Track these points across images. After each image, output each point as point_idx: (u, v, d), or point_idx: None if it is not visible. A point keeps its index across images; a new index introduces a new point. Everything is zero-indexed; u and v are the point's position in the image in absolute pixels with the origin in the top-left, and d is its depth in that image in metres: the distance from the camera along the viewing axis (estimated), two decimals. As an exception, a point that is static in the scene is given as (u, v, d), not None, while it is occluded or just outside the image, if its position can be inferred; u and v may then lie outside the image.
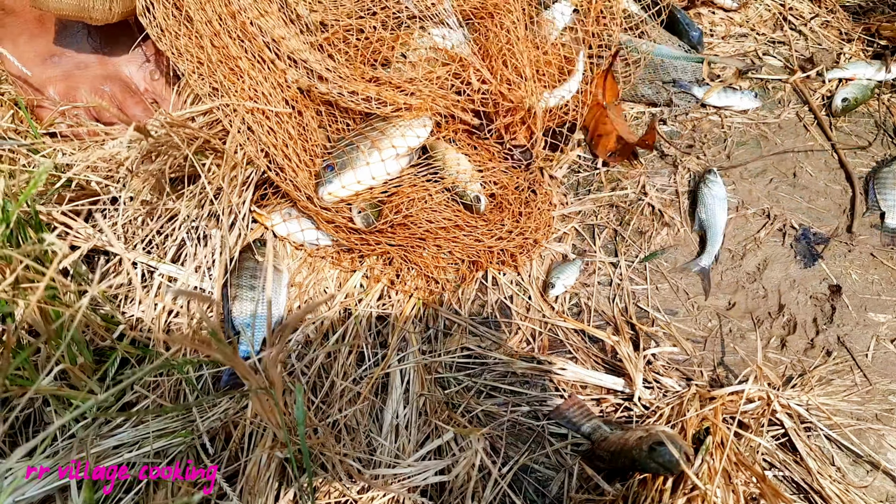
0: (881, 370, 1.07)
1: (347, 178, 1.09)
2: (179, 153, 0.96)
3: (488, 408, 1.01)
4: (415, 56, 1.18)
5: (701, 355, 1.08)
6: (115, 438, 0.89)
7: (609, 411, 1.01)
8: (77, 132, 1.18)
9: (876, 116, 1.43)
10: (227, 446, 0.91)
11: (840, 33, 1.59)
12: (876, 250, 1.20)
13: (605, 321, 1.11)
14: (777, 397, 0.97)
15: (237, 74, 1.09)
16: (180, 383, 0.98)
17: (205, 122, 1.06)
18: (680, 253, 1.20)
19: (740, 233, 1.22)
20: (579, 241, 1.21)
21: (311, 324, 1.06)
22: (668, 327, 1.10)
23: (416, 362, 1.04)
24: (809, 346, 1.09)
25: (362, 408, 0.99)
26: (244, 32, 1.11)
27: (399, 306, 1.11)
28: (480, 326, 1.10)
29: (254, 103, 1.08)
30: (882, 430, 1.00)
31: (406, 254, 1.14)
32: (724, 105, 1.42)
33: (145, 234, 1.07)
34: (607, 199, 1.26)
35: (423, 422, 0.99)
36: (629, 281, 1.16)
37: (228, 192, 1.05)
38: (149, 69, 1.27)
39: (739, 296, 1.15)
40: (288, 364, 1.02)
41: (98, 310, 1.00)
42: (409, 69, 1.17)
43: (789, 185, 1.29)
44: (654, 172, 1.30)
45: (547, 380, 1.04)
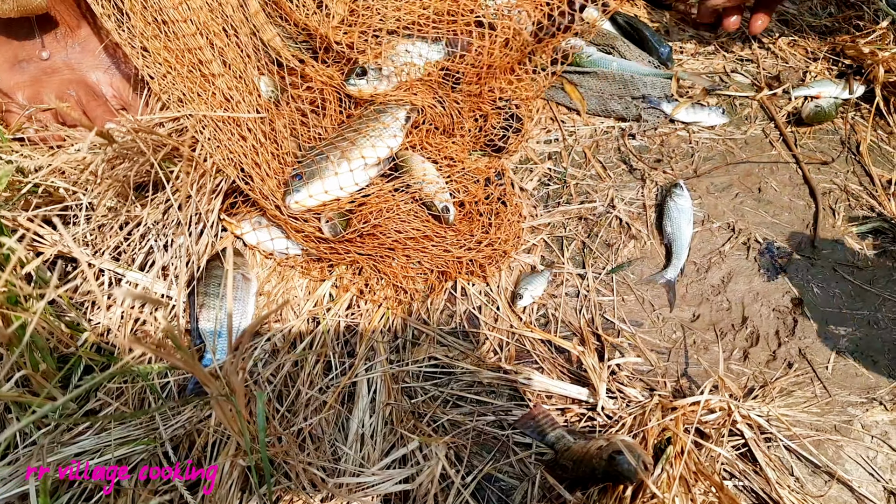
0: (840, 382, 1.09)
1: (315, 187, 1.09)
2: (145, 159, 0.96)
3: (454, 417, 1.01)
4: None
5: (665, 366, 1.09)
6: (77, 446, 0.89)
7: (573, 421, 1.02)
8: (44, 137, 1.18)
9: (840, 133, 1.46)
10: (190, 454, 0.91)
11: (806, 52, 1.63)
12: (838, 265, 1.22)
13: (572, 332, 1.13)
14: (738, 408, 0.98)
15: (207, 79, 1.10)
16: (145, 391, 0.98)
17: (173, 128, 1.07)
18: (646, 265, 1.21)
19: (706, 246, 1.24)
20: (548, 252, 1.23)
21: (278, 332, 1.07)
22: (633, 338, 1.12)
23: (384, 372, 1.04)
24: (771, 358, 1.11)
25: (328, 417, 0.99)
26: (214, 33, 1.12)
27: (367, 316, 1.12)
28: (448, 336, 1.11)
29: (223, 112, 1.08)
30: (840, 442, 1.02)
31: (375, 263, 1.14)
32: (693, 121, 1.44)
33: (114, 241, 1.06)
34: (576, 212, 1.28)
35: (389, 431, 0.99)
36: (596, 292, 1.17)
37: (197, 200, 1.05)
38: (117, 75, 1.27)
39: (704, 308, 1.17)
40: (254, 373, 1.02)
41: (63, 316, 0.99)
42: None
43: (754, 200, 1.31)
44: (623, 186, 1.32)
45: (513, 390, 1.05)
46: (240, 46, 1.15)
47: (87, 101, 1.23)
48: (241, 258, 1.14)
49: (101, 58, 1.27)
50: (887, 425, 1.04)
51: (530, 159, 1.37)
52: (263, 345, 1.05)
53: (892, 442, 1.03)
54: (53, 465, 0.85)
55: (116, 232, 1.04)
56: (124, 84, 1.27)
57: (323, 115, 1.25)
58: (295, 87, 1.24)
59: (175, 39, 1.10)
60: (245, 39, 1.18)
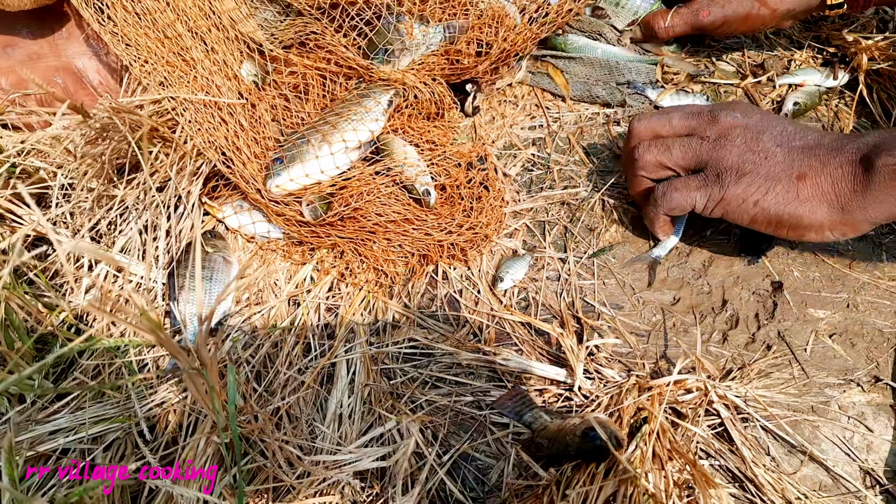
0: (818, 364, 1.09)
1: (296, 171, 1.09)
2: (121, 136, 0.97)
3: (432, 398, 1.01)
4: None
5: (644, 348, 1.10)
6: (52, 424, 0.89)
7: (551, 401, 1.02)
8: (28, 122, 1.18)
9: (823, 121, 1.46)
10: (166, 433, 0.91)
11: (791, 41, 1.63)
12: (818, 249, 1.23)
13: (553, 315, 1.13)
14: (714, 388, 0.98)
15: (189, 64, 1.10)
16: (122, 372, 0.98)
17: (154, 110, 1.07)
18: (628, 250, 1.22)
19: (688, 230, 1.24)
20: (530, 237, 1.23)
21: (257, 314, 1.07)
22: (613, 321, 1.12)
23: (363, 353, 1.05)
24: (750, 340, 1.11)
25: (306, 396, 0.99)
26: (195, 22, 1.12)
27: (348, 298, 1.12)
28: (429, 319, 1.11)
29: (204, 95, 1.08)
30: (817, 422, 1.02)
31: (356, 247, 1.15)
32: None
33: (93, 222, 1.07)
34: (559, 197, 1.28)
35: (367, 410, 0.99)
36: (577, 276, 1.17)
37: (177, 182, 1.05)
38: (104, 62, 1.27)
39: (684, 291, 1.17)
40: (233, 354, 1.02)
41: (41, 297, 1.00)
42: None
43: (736, 186, 1.31)
44: (607, 171, 1.32)
45: (492, 371, 1.05)
46: (220, 29, 1.16)
47: (73, 89, 1.23)
48: (222, 241, 1.14)
49: (89, 45, 1.27)
50: (864, 406, 1.05)
51: (514, 145, 1.37)
52: (242, 325, 1.05)
53: (869, 423, 1.03)
54: (28, 443, 0.85)
55: (94, 213, 1.05)
56: (111, 72, 1.28)
57: (306, 101, 1.26)
58: (278, 73, 1.25)
59: (154, 28, 1.10)
60: (227, 22, 1.18)
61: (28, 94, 1.19)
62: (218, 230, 1.18)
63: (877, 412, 1.04)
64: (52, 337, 0.97)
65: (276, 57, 1.22)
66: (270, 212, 1.12)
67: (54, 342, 0.96)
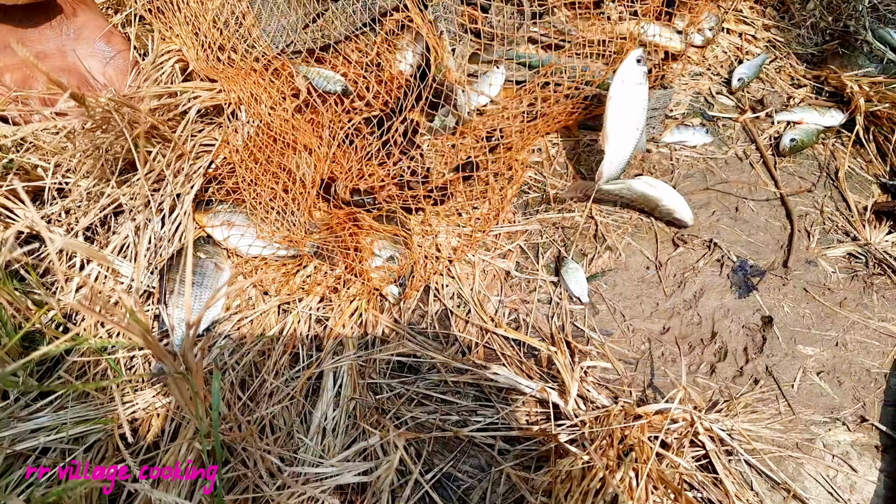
0: (805, 401, 1.09)
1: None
2: (122, 136, 0.97)
3: (418, 414, 1.01)
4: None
5: (632, 376, 1.10)
6: (34, 422, 0.88)
7: (540, 420, 1.02)
8: (28, 119, 1.18)
9: (820, 159, 1.47)
10: (148, 435, 0.90)
11: (791, 79, 1.65)
12: (809, 286, 1.23)
13: (542, 337, 1.13)
14: (700, 420, 0.98)
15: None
16: (107, 373, 0.97)
17: (158, 105, 1.07)
18: (620, 276, 1.22)
19: (681, 261, 1.25)
20: (523, 258, 1.23)
21: (246, 320, 1.07)
22: (602, 347, 1.12)
23: (351, 366, 1.04)
24: (738, 373, 1.11)
25: (291, 407, 0.99)
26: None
27: (339, 310, 1.12)
28: (418, 336, 1.11)
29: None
30: (801, 459, 1.02)
31: (349, 262, 1.15)
32: (677, 140, 1.46)
33: (88, 221, 1.07)
34: (554, 221, 1.29)
35: (352, 424, 0.99)
36: (568, 300, 1.17)
37: (173, 184, 1.05)
38: (111, 64, 1.28)
39: (674, 321, 1.17)
40: (220, 361, 1.02)
41: (31, 294, 0.99)
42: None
43: (731, 219, 1.32)
44: (602, 198, 1.33)
45: (478, 390, 1.05)
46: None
47: (78, 89, 1.24)
48: (216, 247, 1.14)
49: (96, 46, 1.28)
50: (849, 446, 1.05)
51: (512, 168, 1.37)
52: (230, 332, 1.05)
53: (853, 462, 1.03)
54: (9, 440, 0.84)
55: (88, 211, 1.04)
56: (117, 74, 1.28)
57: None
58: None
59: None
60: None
61: (31, 94, 1.19)
62: (212, 236, 1.17)
63: (861, 452, 1.04)
64: (39, 334, 0.96)
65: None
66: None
67: (42, 339, 0.95)
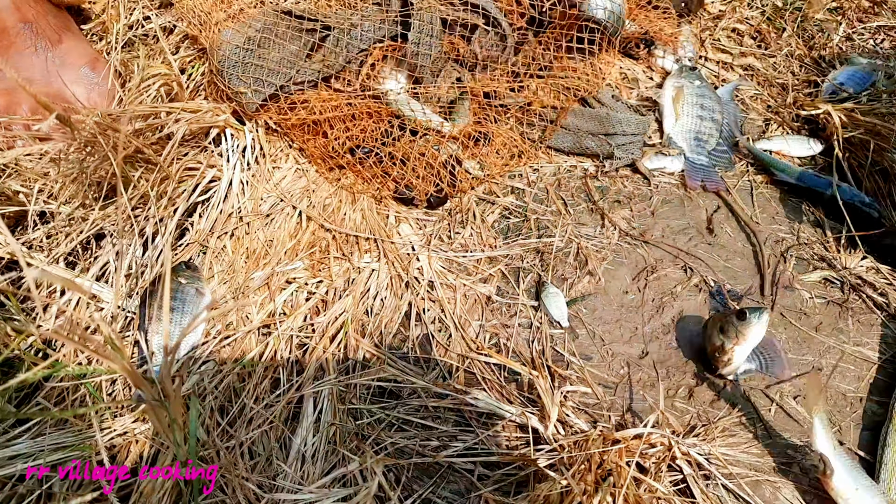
0: (782, 425, 1.10)
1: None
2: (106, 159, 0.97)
3: (398, 440, 1.01)
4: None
5: (611, 400, 1.11)
6: (11, 449, 0.88)
7: (520, 445, 1.02)
8: (11, 144, 1.19)
9: (796, 186, 1.50)
10: (126, 462, 0.90)
11: (768, 106, 1.68)
12: (786, 310, 1.25)
13: (523, 362, 1.14)
14: (678, 444, 0.99)
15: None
16: (85, 399, 0.97)
17: (144, 126, 1.08)
18: (599, 300, 1.23)
19: (659, 285, 1.26)
20: (504, 283, 1.25)
21: (225, 344, 1.07)
22: (582, 371, 1.13)
23: (331, 391, 1.04)
24: (716, 398, 1.13)
25: (270, 433, 0.99)
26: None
27: (320, 333, 1.12)
28: (399, 361, 1.12)
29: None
30: (778, 483, 1.03)
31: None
32: (656, 167, 1.48)
33: (70, 247, 1.07)
34: (534, 246, 1.30)
35: (331, 450, 0.99)
36: (548, 325, 1.19)
37: (156, 207, 1.06)
38: (95, 90, 1.29)
39: (653, 346, 1.18)
40: (199, 387, 1.02)
41: (11, 320, 0.99)
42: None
43: (708, 244, 1.34)
44: (582, 223, 1.35)
45: (459, 416, 1.06)
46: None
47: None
48: (196, 272, 1.14)
49: (81, 72, 1.29)
50: (825, 469, 1.06)
51: (493, 192, 1.39)
52: (210, 356, 1.05)
53: (829, 486, 1.04)
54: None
55: (70, 237, 1.05)
56: (102, 99, 1.29)
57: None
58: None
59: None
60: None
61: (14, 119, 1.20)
62: (193, 262, 1.18)
63: (837, 476, 1.05)
64: (18, 360, 0.96)
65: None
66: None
67: (20, 366, 0.95)
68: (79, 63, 1.30)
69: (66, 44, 1.30)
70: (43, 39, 1.27)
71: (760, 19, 1.87)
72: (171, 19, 1.46)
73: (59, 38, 1.30)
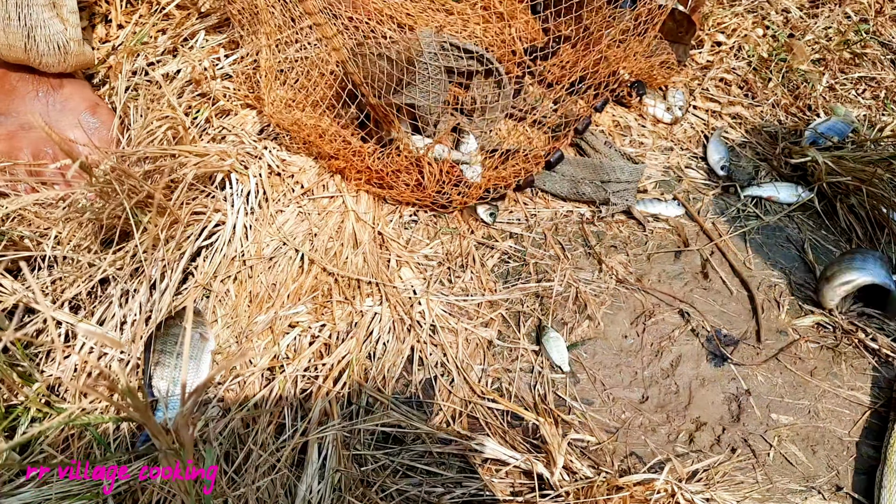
0: (781, 470, 1.12)
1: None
2: (117, 203, 0.98)
3: (403, 487, 1.01)
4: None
5: (613, 445, 1.11)
6: (17, 498, 0.87)
7: (525, 491, 1.03)
8: (15, 188, 1.19)
9: (787, 231, 1.54)
10: (133, 512, 0.89)
11: (756, 153, 1.73)
12: (781, 355, 1.27)
13: (525, 406, 1.15)
14: (681, 490, 1.00)
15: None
16: (92, 447, 0.96)
17: (153, 167, 1.09)
18: (599, 345, 1.25)
19: (657, 330, 1.28)
20: (504, 327, 1.26)
21: (230, 389, 1.07)
22: (583, 416, 1.14)
23: (335, 436, 1.05)
24: (716, 442, 1.14)
25: (276, 480, 0.98)
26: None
27: (324, 376, 1.12)
28: (403, 405, 1.12)
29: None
30: (780, 528, 1.04)
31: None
32: (651, 213, 1.51)
33: (74, 292, 1.07)
34: (534, 290, 1.32)
35: (337, 498, 0.99)
36: (550, 369, 1.20)
37: (165, 249, 1.07)
38: (96, 135, 1.30)
39: (653, 390, 1.20)
40: (204, 432, 1.01)
41: (16, 366, 0.99)
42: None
43: (703, 289, 1.37)
44: (580, 268, 1.37)
45: (463, 461, 1.06)
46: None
47: (63, 160, 1.25)
48: (199, 317, 1.15)
49: (82, 118, 1.30)
50: (825, 514, 1.07)
51: (492, 237, 1.41)
52: (215, 402, 1.05)
53: (830, 531, 1.05)
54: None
55: (78, 283, 1.05)
56: (103, 144, 1.30)
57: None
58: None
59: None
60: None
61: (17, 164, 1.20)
62: (197, 306, 1.18)
63: (837, 521, 1.07)
64: (24, 408, 0.96)
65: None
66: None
67: (26, 414, 0.94)
68: (80, 108, 1.31)
69: (67, 88, 1.32)
70: (44, 84, 1.29)
71: (747, 69, 1.93)
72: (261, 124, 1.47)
73: (61, 83, 1.31)
